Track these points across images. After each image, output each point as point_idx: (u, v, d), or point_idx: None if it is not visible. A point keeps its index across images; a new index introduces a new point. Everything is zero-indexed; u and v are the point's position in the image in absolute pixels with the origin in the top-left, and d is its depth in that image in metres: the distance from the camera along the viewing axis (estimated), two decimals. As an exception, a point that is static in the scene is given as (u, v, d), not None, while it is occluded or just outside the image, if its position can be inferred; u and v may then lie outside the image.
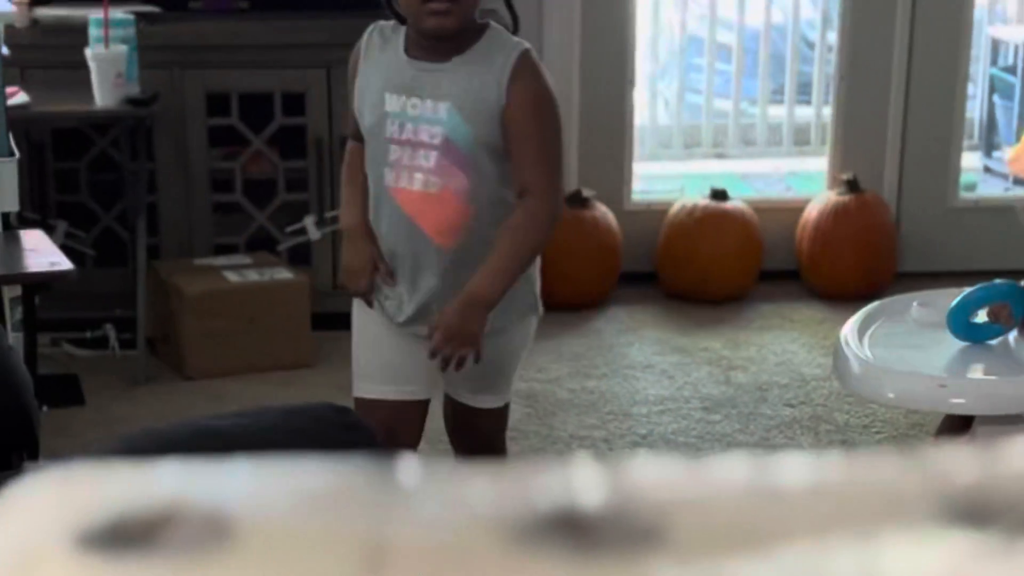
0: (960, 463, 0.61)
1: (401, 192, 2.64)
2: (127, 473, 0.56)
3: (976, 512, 0.57)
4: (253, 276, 4.27)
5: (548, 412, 4.03)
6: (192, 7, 4.53)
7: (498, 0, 2.80)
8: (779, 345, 4.49)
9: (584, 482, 0.57)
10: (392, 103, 2.62)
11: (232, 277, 4.25)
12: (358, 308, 2.81)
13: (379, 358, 2.79)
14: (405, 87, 2.61)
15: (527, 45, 2.64)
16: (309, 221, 4.46)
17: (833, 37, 5.12)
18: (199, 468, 0.56)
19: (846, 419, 3.96)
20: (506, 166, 2.62)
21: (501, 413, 2.90)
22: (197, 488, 0.54)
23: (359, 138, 2.73)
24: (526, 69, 2.59)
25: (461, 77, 2.59)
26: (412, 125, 2.61)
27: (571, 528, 0.55)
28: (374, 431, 2.16)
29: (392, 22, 2.69)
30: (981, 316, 2.97)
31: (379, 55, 2.66)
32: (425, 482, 0.56)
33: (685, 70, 5.90)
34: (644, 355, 4.43)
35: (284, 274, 4.31)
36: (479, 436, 2.90)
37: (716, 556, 0.54)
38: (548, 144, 2.62)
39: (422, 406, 2.82)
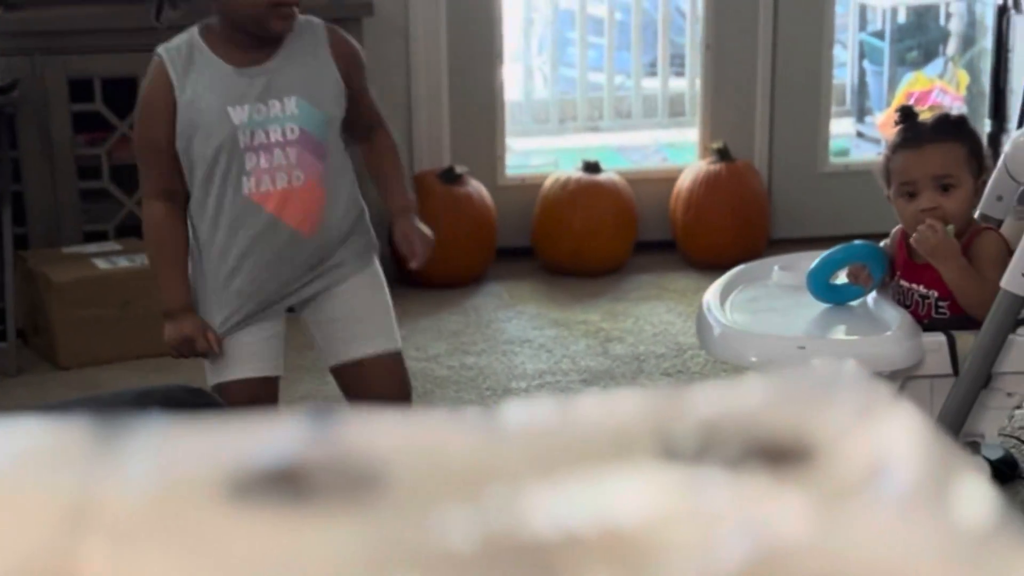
0: (696, 401, 0.62)
1: (263, 196, 2.67)
2: None
3: (696, 448, 0.58)
4: (123, 263, 4.22)
5: (427, 390, 4.03)
6: (52, -8, 4.47)
7: None
8: (656, 315, 4.52)
9: (302, 437, 0.57)
10: (237, 115, 2.63)
11: (102, 264, 4.21)
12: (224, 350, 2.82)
13: (233, 347, 2.80)
14: (244, 95, 2.63)
15: (314, 18, 2.75)
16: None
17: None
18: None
19: (721, 385, 4.01)
20: (339, 129, 2.74)
21: (398, 362, 2.90)
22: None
23: (169, 196, 2.71)
24: (333, 33, 2.73)
25: (293, 68, 2.66)
26: (263, 129, 2.64)
27: (288, 481, 0.55)
28: (227, 410, 2.15)
29: (176, 42, 2.71)
30: (841, 278, 3.02)
31: (196, 76, 2.65)
32: (139, 441, 0.56)
33: (559, 44, 5.92)
34: (522, 330, 4.44)
35: (156, 260, 4.26)
36: (394, 398, 2.89)
37: (431, 501, 0.54)
38: (369, 83, 2.82)
39: (275, 382, 2.87)
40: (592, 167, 4.89)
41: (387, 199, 2.81)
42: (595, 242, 4.83)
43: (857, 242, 3.08)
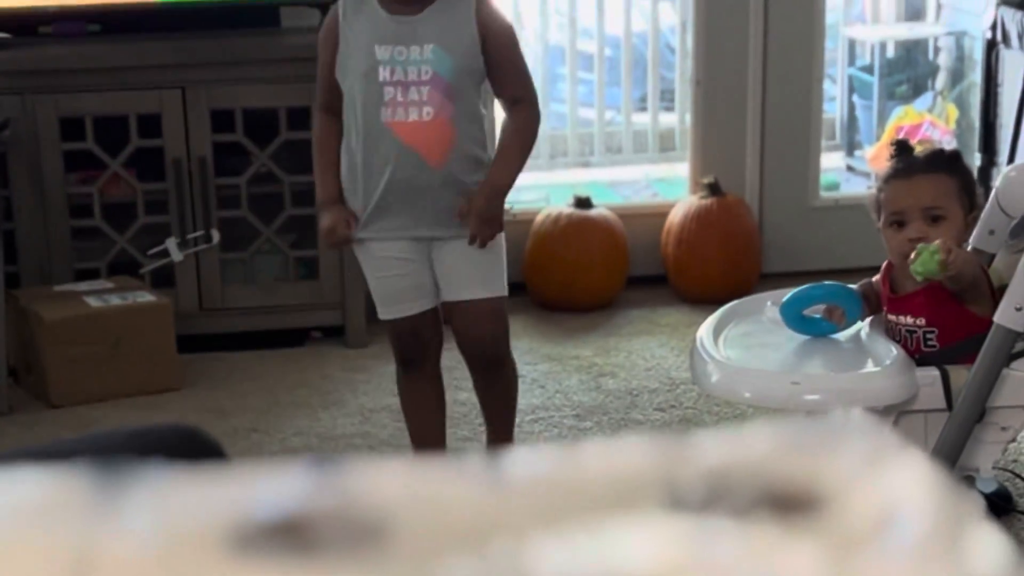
0: (702, 449, 0.62)
1: (398, 124, 3.13)
2: None
3: (704, 497, 0.57)
4: (115, 300, 4.21)
5: (420, 426, 4.02)
6: (42, 32, 4.47)
7: None
8: (648, 350, 4.52)
9: (305, 487, 0.57)
10: (382, 52, 3.11)
11: (93, 302, 4.20)
12: (362, 254, 3.32)
13: (392, 286, 3.32)
14: (391, 37, 3.11)
15: None
16: (171, 243, 4.42)
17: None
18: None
19: (716, 420, 4.00)
20: (481, 87, 3.20)
21: (501, 306, 3.48)
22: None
23: (330, 109, 3.22)
24: (485, 5, 3.16)
25: (437, 22, 3.12)
26: (402, 68, 3.11)
27: (291, 532, 0.54)
28: (222, 449, 2.13)
29: None
30: (817, 311, 3.02)
31: (359, 17, 3.14)
32: (140, 492, 0.55)
33: (549, 80, 5.93)
34: (515, 365, 4.43)
35: (147, 297, 4.26)
36: (470, 334, 3.45)
37: (435, 552, 0.54)
38: (523, 61, 3.23)
39: (434, 312, 3.41)
40: (583, 202, 4.89)
41: (489, 170, 3.21)
42: (587, 277, 4.83)
43: (830, 283, 3.09)
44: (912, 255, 2.80)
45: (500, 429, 3.57)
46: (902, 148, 3.02)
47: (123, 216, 4.42)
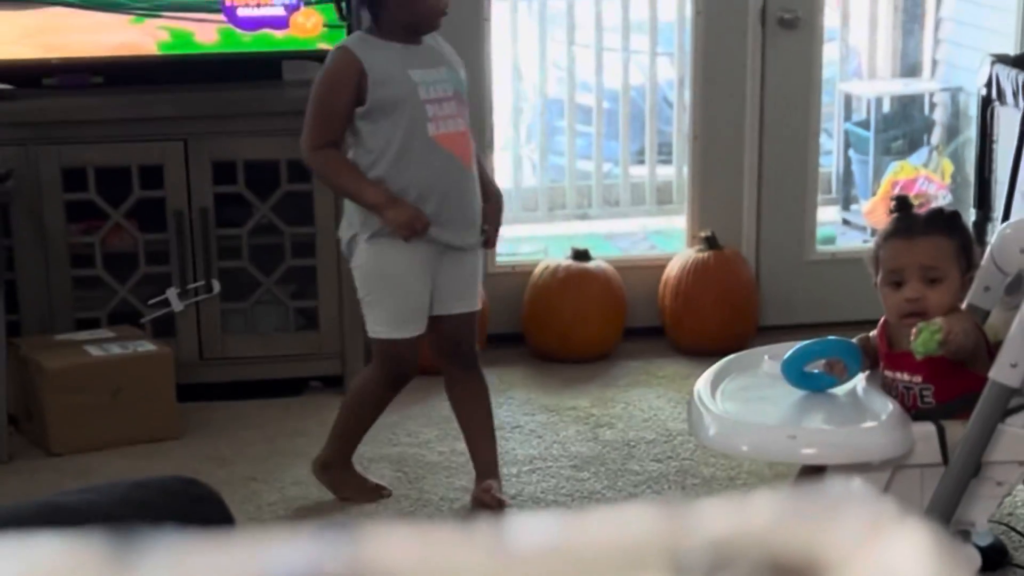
0: (707, 517, 0.63)
1: (444, 137, 3.50)
2: None
3: (707, 566, 0.59)
4: (116, 349, 4.23)
5: (418, 476, 4.03)
6: (46, 84, 4.50)
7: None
8: (645, 402, 4.53)
9: (318, 552, 0.58)
10: (417, 76, 3.49)
11: (94, 351, 4.21)
12: (393, 266, 3.55)
13: (417, 301, 3.60)
14: (416, 63, 3.50)
15: None
16: (171, 293, 4.44)
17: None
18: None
19: (712, 472, 4.01)
20: None
21: (476, 317, 3.79)
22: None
23: (334, 144, 3.51)
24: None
25: (435, 47, 3.57)
26: (434, 87, 3.50)
27: (306, 598, 0.56)
28: (222, 500, 2.14)
29: (351, 37, 3.61)
30: (818, 366, 3.04)
31: (374, 52, 3.48)
32: (156, 557, 0.57)
33: (548, 133, 5.96)
34: (513, 415, 4.44)
35: (147, 346, 4.27)
36: (464, 343, 3.75)
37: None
38: None
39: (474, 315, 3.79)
40: (582, 255, 4.91)
41: (488, 181, 3.73)
42: (585, 329, 4.85)
43: (831, 337, 3.11)
44: (913, 333, 2.82)
45: (488, 435, 3.84)
46: (902, 205, 3.04)
47: (124, 266, 4.44)
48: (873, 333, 3.11)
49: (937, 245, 2.92)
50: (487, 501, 3.73)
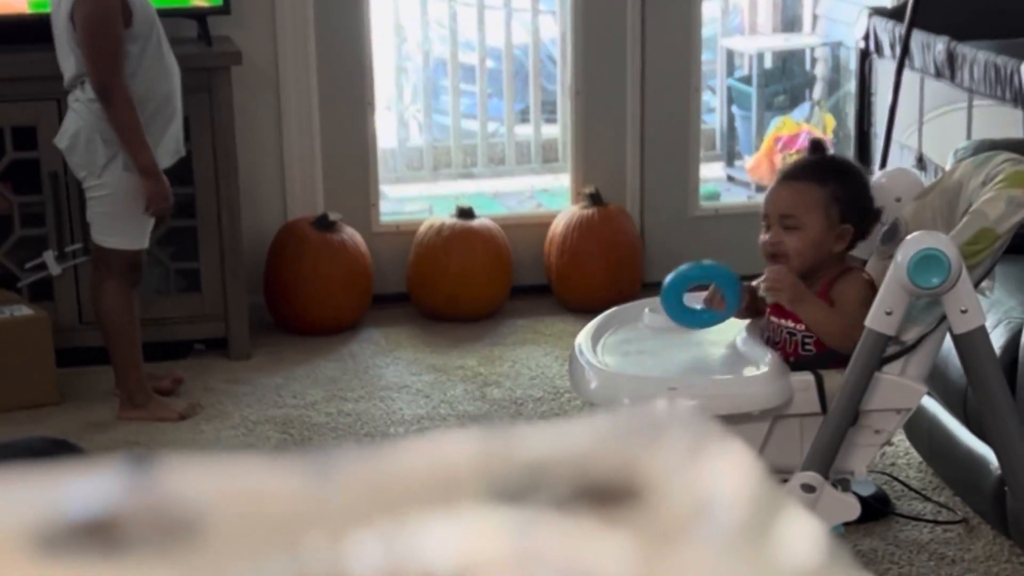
0: (523, 441, 0.61)
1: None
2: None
3: (523, 489, 0.57)
4: (-15, 316, 4.15)
5: (304, 437, 4.00)
6: (-86, 42, 4.40)
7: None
8: (532, 359, 4.53)
9: (116, 485, 0.56)
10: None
11: (-36, 318, 4.13)
12: (133, 183, 3.87)
13: (147, 218, 3.98)
14: None
15: None
16: (49, 256, 4.35)
17: (572, 54, 5.19)
18: None
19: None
20: None
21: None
22: None
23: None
24: None
25: None
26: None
27: (100, 532, 0.53)
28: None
29: None
30: (697, 303, 3.04)
31: None
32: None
33: (432, 92, 5.92)
34: (400, 376, 4.42)
35: (24, 311, 4.20)
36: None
37: (248, 550, 0.53)
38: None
39: None
40: (466, 213, 4.89)
41: None
42: (471, 287, 4.83)
43: (707, 261, 3.12)
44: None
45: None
46: (814, 148, 3.11)
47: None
48: (758, 281, 3.12)
49: (800, 191, 2.93)
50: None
